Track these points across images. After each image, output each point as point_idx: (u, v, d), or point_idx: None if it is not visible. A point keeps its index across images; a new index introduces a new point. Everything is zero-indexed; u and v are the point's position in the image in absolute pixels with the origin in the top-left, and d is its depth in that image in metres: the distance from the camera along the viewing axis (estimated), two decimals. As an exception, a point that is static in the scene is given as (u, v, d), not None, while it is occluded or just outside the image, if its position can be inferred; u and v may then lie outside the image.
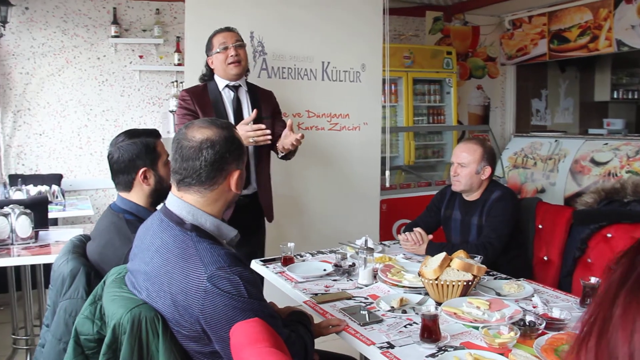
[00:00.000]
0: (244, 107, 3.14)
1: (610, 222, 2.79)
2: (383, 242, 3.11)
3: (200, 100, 3.05)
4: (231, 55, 3.04)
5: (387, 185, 4.11)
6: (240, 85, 3.15)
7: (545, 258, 3.00)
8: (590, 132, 7.12)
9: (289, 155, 3.10)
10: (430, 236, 2.80)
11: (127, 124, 5.17)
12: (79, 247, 1.97)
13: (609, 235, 2.77)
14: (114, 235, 1.90)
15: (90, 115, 5.11)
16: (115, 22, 5.06)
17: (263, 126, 2.87)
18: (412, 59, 6.14)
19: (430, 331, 1.69)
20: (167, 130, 5.11)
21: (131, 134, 2.05)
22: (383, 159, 4.25)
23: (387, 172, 3.98)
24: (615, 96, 7.76)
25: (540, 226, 3.06)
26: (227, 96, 3.13)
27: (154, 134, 2.10)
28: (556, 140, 6.17)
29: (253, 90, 3.22)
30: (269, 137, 2.87)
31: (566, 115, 7.85)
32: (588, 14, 6.10)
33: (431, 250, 2.70)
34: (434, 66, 6.33)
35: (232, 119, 3.07)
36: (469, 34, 6.96)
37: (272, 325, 1.38)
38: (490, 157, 2.90)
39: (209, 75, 3.14)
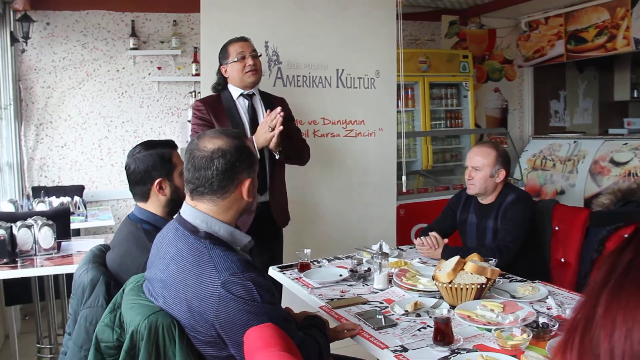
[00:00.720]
0: (259, 114, 3.17)
1: (627, 222, 2.78)
2: (399, 247, 3.12)
3: (214, 109, 3.09)
4: (249, 65, 3.08)
5: (404, 190, 4.13)
6: (254, 94, 3.19)
7: (563, 260, 2.98)
8: (610, 132, 7.04)
9: (283, 151, 3.06)
10: (446, 240, 2.81)
11: (147, 135, 5.25)
12: (99, 256, 2.02)
13: (626, 236, 2.74)
14: (132, 245, 1.95)
15: (111, 127, 5.20)
16: (133, 34, 5.15)
17: (278, 109, 2.89)
18: (428, 64, 6.14)
19: (442, 334, 1.71)
20: (186, 140, 5.18)
21: (147, 145, 2.10)
22: (400, 164, 4.27)
23: (404, 177, 4.00)
24: (635, 95, 7.66)
25: (557, 228, 3.05)
26: (242, 105, 3.16)
27: (170, 144, 2.15)
28: (575, 142, 6.12)
29: (266, 97, 3.25)
30: (281, 112, 2.89)
31: (585, 116, 7.78)
32: (605, 14, 6.05)
33: (447, 254, 2.71)
34: (450, 70, 6.32)
35: (247, 127, 3.11)
36: (485, 36, 6.94)
37: (285, 329, 1.41)
38: (505, 160, 2.91)
39: (222, 84, 3.18)
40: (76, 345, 1.76)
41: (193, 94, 5.21)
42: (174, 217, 1.70)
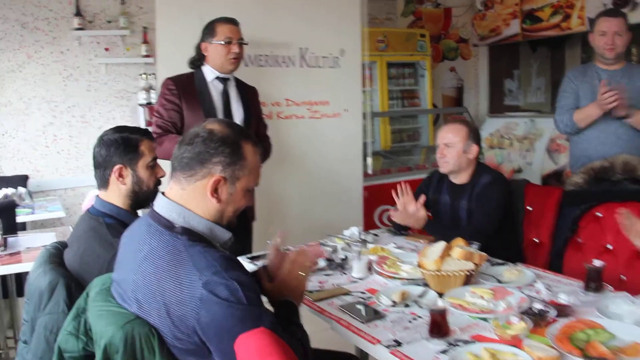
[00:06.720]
0: (232, 101, 3.03)
1: (600, 201, 2.75)
2: (373, 232, 3.00)
3: (186, 91, 2.92)
4: (234, 52, 2.95)
5: (370, 172, 4.03)
6: (229, 78, 3.04)
7: (536, 240, 2.95)
8: (563, 111, 7.10)
9: None
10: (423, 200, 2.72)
11: (95, 120, 4.97)
12: (56, 255, 1.82)
13: (599, 214, 2.73)
14: (94, 241, 1.76)
15: (56, 112, 4.88)
16: (78, 14, 4.83)
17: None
18: (386, 43, 6.04)
19: (439, 326, 1.60)
20: (138, 125, 4.92)
21: (118, 129, 1.94)
22: (363, 146, 4.16)
23: (369, 159, 3.90)
24: (586, 74, 7.77)
25: (529, 208, 3.01)
26: (216, 88, 3.00)
27: (143, 132, 1.97)
28: (532, 120, 6.16)
29: (240, 85, 3.11)
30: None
31: (538, 94, 7.85)
32: (560, -7, 6.06)
33: (430, 228, 2.68)
34: (408, 49, 6.25)
35: (220, 114, 2.96)
36: (441, 15, 6.89)
37: (275, 332, 1.27)
38: (476, 135, 2.85)
39: (200, 62, 3.01)
40: (35, 357, 1.57)
41: (144, 76, 4.94)
42: (147, 212, 1.52)
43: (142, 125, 4.77)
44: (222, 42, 2.92)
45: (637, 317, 1.71)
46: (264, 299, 1.54)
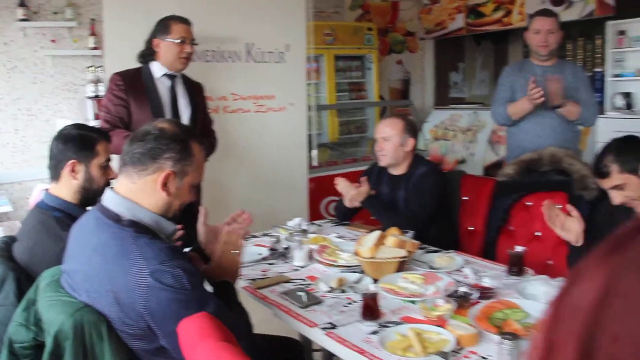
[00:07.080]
0: (179, 97, 3.10)
1: (530, 191, 2.95)
2: (316, 222, 3.13)
3: (134, 87, 2.96)
4: (186, 51, 3.00)
5: (315, 163, 4.14)
6: (176, 75, 3.10)
7: (471, 228, 3.12)
8: (505, 103, 7.38)
9: None
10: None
11: (42, 112, 4.92)
12: (4, 250, 1.87)
13: (529, 203, 2.92)
14: (43, 235, 1.82)
15: (0, 105, 4.82)
16: (22, 4, 4.75)
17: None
18: (334, 36, 6.16)
19: (371, 309, 1.74)
20: (85, 117, 4.90)
21: (79, 126, 2.03)
22: (309, 137, 4.28)
23: (315, 151, 4.02)
24: (527, 67, 8.06)
25: (465, 198, 3.18)
26: (163, 84, 3.06)
27: (102, 133, 2.07)
28: (475, 112, 6.39)
29: (187, 81, 3.17)
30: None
31: (482, 87, 8.12)
32: (502, -11, 6.31)
33: (369, 203, 2.86)
34: (355, 42, 6.38)
35: (168, 110, 3.02)
36: (388, 9, 7.05)
37: (218, 313, 1.38)
38: (412, 129, 2.99)
39: (149, 58, 3.05)
40: (-15, 348, 1.63)
41: (92, 69, 4.91)
42: (95, 206, 1.60)
43: (90, 118, 4.75)
44: (177, 41, 2.98)
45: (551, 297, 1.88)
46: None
